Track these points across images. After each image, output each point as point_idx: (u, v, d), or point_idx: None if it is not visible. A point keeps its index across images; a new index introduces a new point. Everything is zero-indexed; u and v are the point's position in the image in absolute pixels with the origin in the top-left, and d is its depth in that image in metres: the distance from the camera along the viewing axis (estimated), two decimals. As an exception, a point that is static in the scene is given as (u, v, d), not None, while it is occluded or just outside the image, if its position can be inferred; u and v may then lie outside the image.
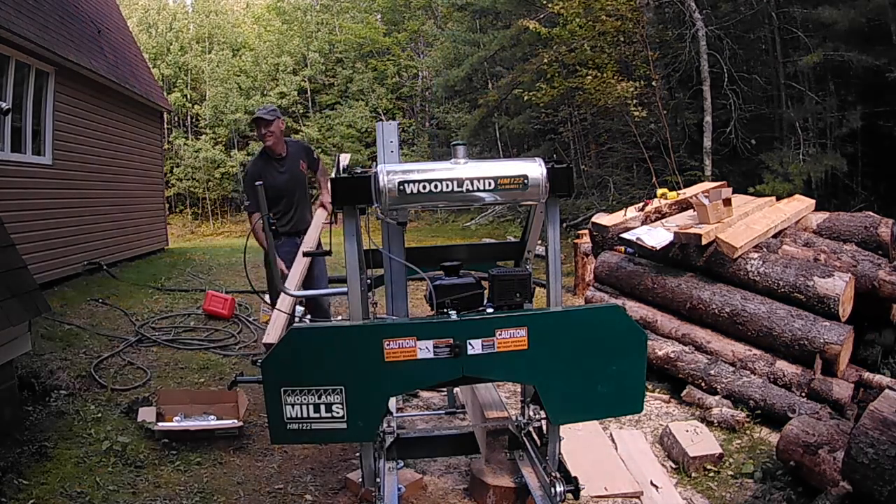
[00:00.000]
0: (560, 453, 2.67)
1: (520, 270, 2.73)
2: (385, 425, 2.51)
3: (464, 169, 2.30)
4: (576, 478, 2.59)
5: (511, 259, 3.23)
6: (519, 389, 3.47)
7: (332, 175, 2.71)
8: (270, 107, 4.61)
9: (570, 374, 2.36)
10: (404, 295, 2.87)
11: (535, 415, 2.66)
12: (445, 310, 2.43)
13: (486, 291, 2.59)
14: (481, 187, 2.30)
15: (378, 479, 2.60)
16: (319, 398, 2.25)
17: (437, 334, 2.27)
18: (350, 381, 2.26)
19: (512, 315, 2.37)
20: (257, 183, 2.81)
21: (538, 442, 2.89)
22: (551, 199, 2.41)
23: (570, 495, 2.60)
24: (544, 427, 2.80)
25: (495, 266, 2.95)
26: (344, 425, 2.28)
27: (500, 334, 2.29)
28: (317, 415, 2.26)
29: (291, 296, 3.21)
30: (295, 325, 2.43)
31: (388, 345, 2.25)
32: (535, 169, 2.33)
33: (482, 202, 2.46)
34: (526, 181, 2.32)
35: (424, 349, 2.26)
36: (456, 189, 2.28)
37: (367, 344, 2.27)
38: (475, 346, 2.28)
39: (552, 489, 2.55)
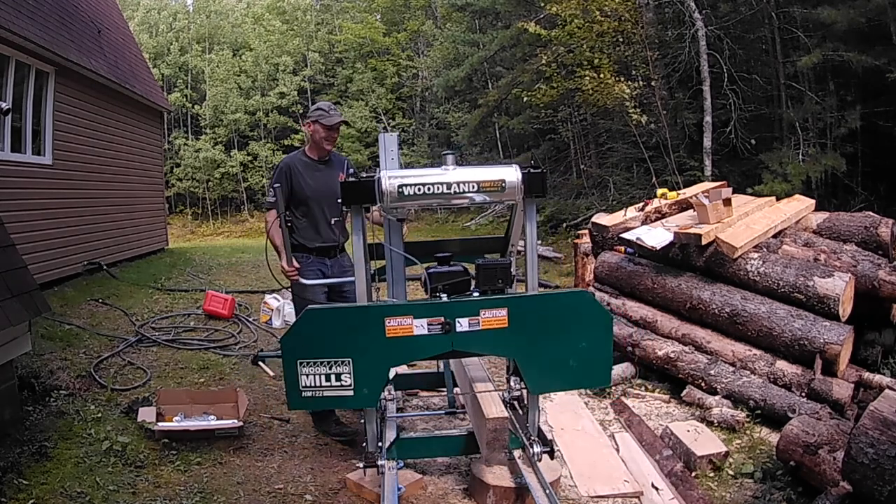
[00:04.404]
0: (539, 422, 2.98)
1: (502, 260, 3.13)
2: (386, 393, 2.92)
3: (452, 174, 2.73)
4: (552, 440, 3.01)
5: (497, 252, 3.64)
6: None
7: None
8: (331, 104, 3.96)
9: (545, 349, 2.70)
10: (403, 281, 3.34)
11: (515, 385, 3.13)
12: (438, 293, 2.77)
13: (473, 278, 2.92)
14: (466, 189, 2.70)
15: (380, 443, 2.94)
16: (330, 369, 2.62)
17: (430, 314, 2.63)
18: (357, 353, 2.62)
19: (494, 298, 2.75)
20: (275, 185, 3.08)
21: (521, 412, 3.21)
22: (528, 199, 2.78)
23: (569, 494, 2.68)
24: (525, 397, 3.10)
25: (482, 257, 3.31)
26: (351, 392, 2.63)
27: (484, 314, 2.65)
28: (328, 383, 2.63)
29: (307, 284, 3.59)
30: (310, 306, 2.73)
31: (389, 323, 2.61)
32: (511, 173, 2.73)
33: (468, 202, 2.85)
34: (503, 184, 2.71)
35: (420, 326, 2.62)
36: (445, 191, 2.70)
37: (372, 322, 2.62)
38: (463, 324, 2.64)
39: (530, 449, 2.86)
